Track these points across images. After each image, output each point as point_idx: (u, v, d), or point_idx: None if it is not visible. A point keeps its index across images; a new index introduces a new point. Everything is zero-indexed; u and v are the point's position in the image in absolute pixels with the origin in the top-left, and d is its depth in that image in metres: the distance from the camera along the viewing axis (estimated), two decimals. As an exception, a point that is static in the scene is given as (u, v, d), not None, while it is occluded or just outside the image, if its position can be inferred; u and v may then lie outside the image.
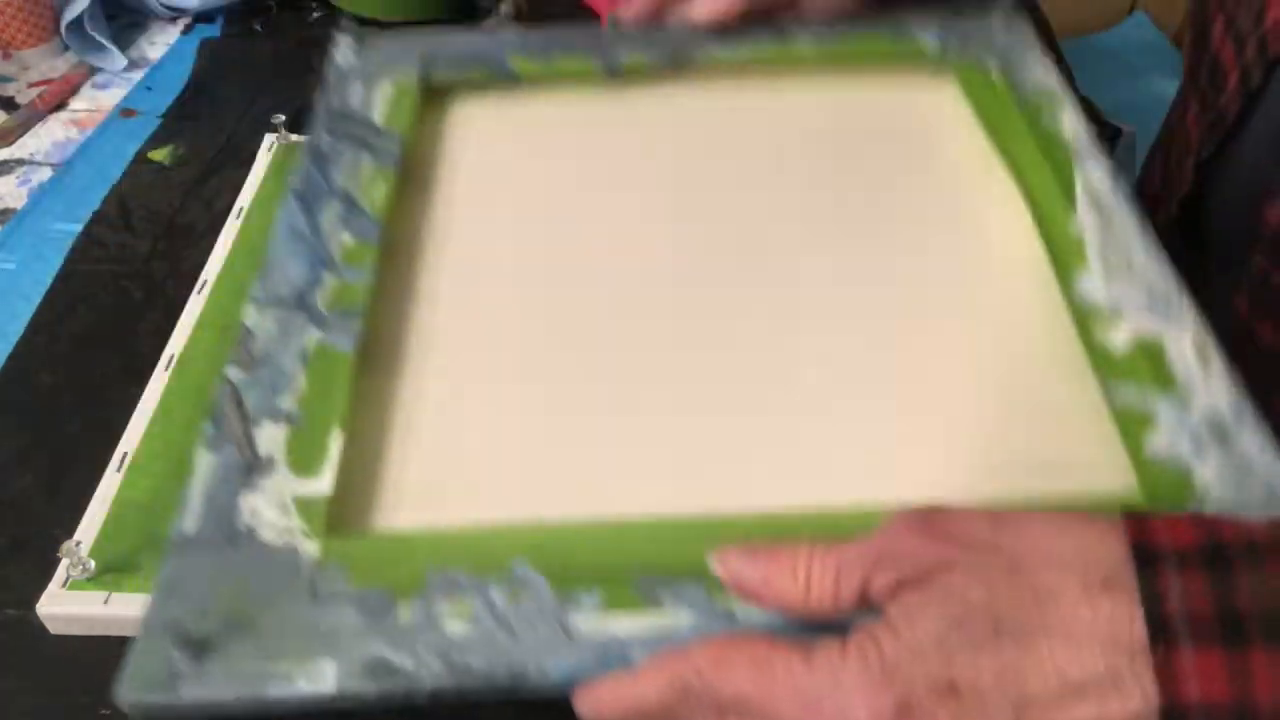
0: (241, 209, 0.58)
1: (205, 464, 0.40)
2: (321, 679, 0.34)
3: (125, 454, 0.45)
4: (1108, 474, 0.40)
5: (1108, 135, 1.05)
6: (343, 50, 0.59)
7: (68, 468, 0.47)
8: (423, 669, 0.34)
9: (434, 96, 0.58)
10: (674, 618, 0.35)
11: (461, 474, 0.42)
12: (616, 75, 0.59)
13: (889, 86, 0.60)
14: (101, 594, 0.40)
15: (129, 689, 0.33)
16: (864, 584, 0.31)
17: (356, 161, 0.52)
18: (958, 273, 0.49)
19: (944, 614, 0.29)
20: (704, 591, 0.36)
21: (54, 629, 0.40)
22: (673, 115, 0.58)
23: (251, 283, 0.52)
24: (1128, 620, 0.27)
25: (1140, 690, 0.27)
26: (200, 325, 0.51)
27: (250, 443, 0.40)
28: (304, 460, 0.40)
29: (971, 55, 0.59)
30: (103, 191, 0.63)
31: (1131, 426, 0.41)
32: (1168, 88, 0.69)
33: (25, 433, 0.49)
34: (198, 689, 0.34)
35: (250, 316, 0.44)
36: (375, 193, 0.51)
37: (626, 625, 0.35)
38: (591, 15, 0.82)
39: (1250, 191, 0.54)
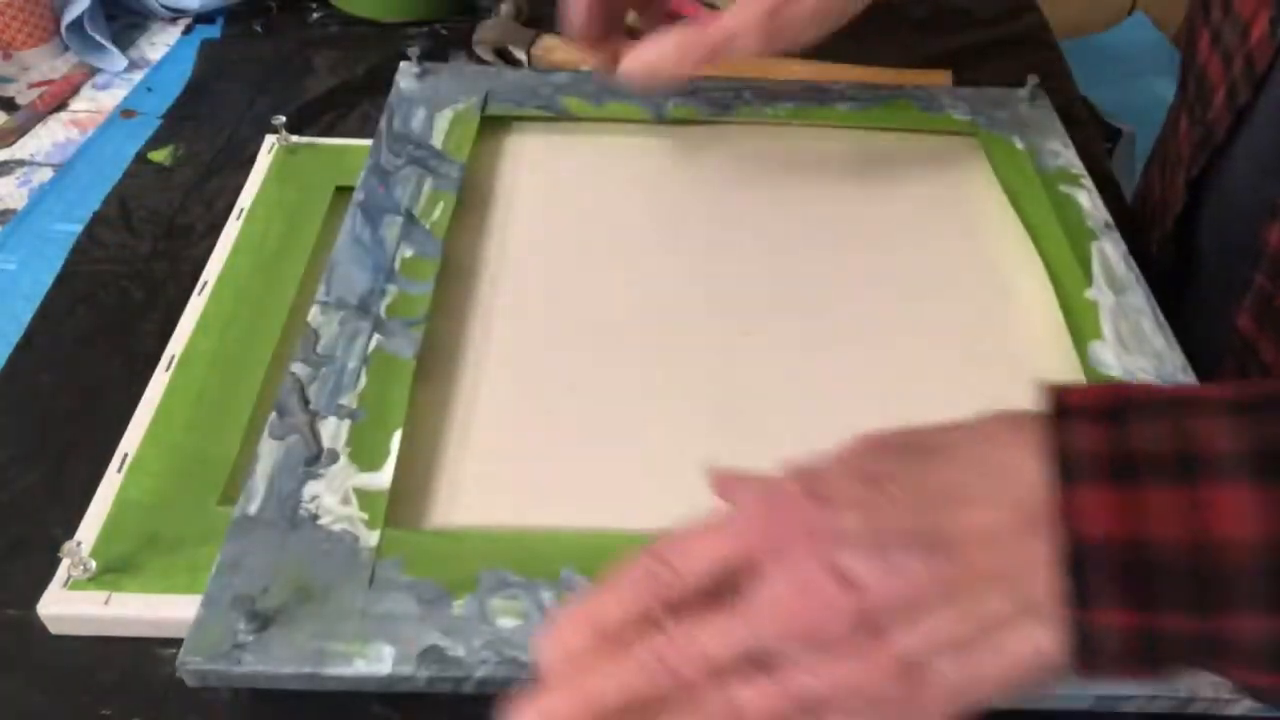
0: (242, 210, 0.58)
1: (269, 451, 0.43)
2: (379, 661, 0.36)
3: (126, 454, 0.45)
4: None
5: (1108, 135, 1.05)
6: (406, 77, 0.65)
7: (69, 468, 0.47)
8: (474, 659, 0.36)
9: (490, 127, 0.64)
10: None
11: (512, 478, 0.45)
12: (664, 122, 0.64)
13: (919, 149, 0.65)
14: (102, 594, 0.40)
15: (191, 656, 0.35)
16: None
17: (417, 181, 0.57)
18: (979, 325, 0.53)
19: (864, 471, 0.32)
20: None
21: (55, 629, 0.40)
22: (713, 159, 0.63)
23: (254, 284, 0.53)
24: (1034, 460, 0.29)
25: (1039, 519, 0.29)
26: (200, 326, 0.51)
27: (314, 434, 0.42)
28: (365, 454, 0.43)
29: (998, 128, 0.63)
30: (103, 192, 0.63)
31: None
32: (1168, 88, 0.70)
33: (26, 433, 0.49)
34: (258, 660, 0.36)
35: (315, 317, 0.47)
36: (434, 211, 0.55)
37: None
38: (592, 15, 0.82)
39: (1244, 210, 0.53)
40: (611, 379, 0.49)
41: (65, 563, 0.40)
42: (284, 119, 0.63)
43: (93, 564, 0.40)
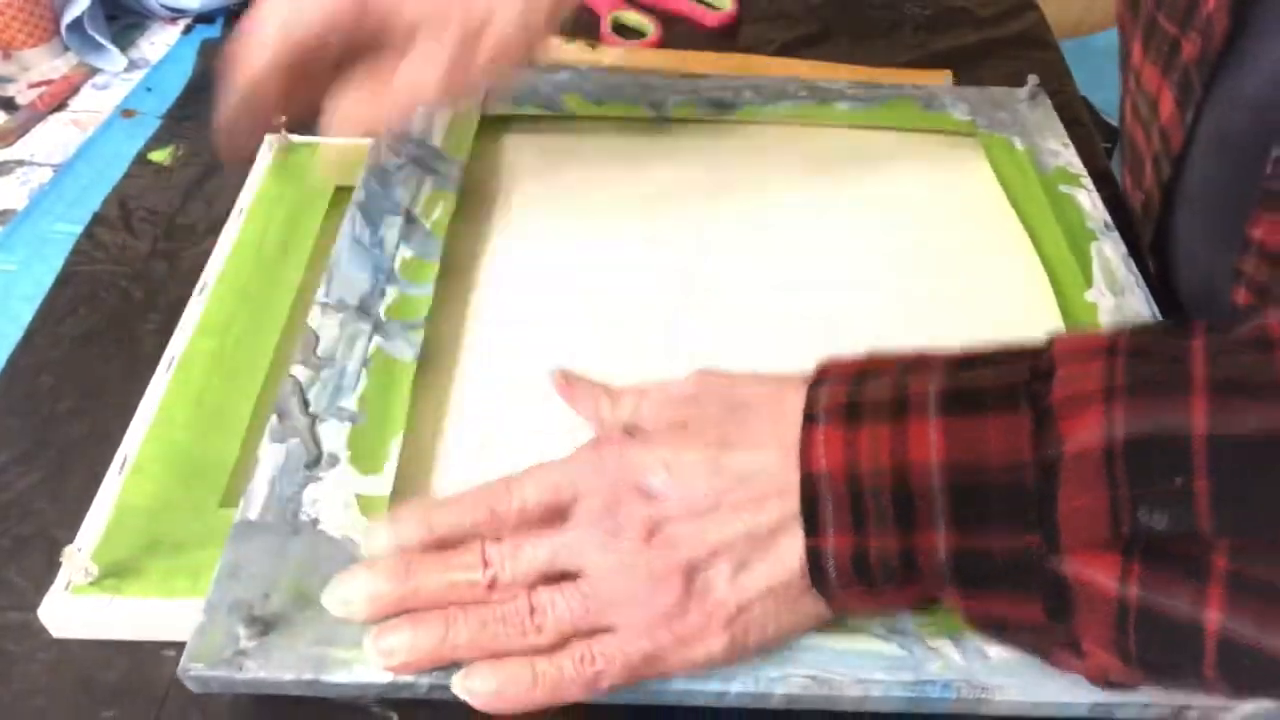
0: (242, 209, 0.58)
1: (270, 455, 0.42)
2: (379, 667, 0.36)
3: (126, 457, 0.45)
4: None
5: (1107, 136, 1.05)
6: None
7: (69, 469, 0.47)
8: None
9: (489, 125, 0.63)
10: None
11: None
12: (664, 121, 0.65)
13: (919, 149, 0.65)
14: (104, 597, 0.40)
15: (193, 663, 0.35)
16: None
17: (417, 182, 0.57)
18: (978, 326, 0.53)
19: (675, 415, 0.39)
20: None
21: (56, 632, 0.41)
22: (713, 158, 0.63)
23: (253, 284, 0.53)
24: (795, 412, 0.36)
25: (795, 458, 0.35)
26: (201, 327, 0.51)
27: (315, 437, 0.42)
28: (366, 458, 0.43)
29: (997, 128, 0.63)
30: (103, 192, 0.63)
31: None
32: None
33: (26, 434, 0.49)
34: (260, 667, 0.36)
35: (314, 318, 0.47)
36: (434, 211, 0.55)
37: None
38: (592, 15, 0.82)
39: (1200, 272, 0.53)
40: (612, 378, 0.48)
41: (66, 566, 0.40)
42: (284, 119, 0.63)
43: (94, 568, 0.40)
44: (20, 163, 0.66)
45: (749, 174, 0.62)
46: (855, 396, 0.35)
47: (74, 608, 0.40)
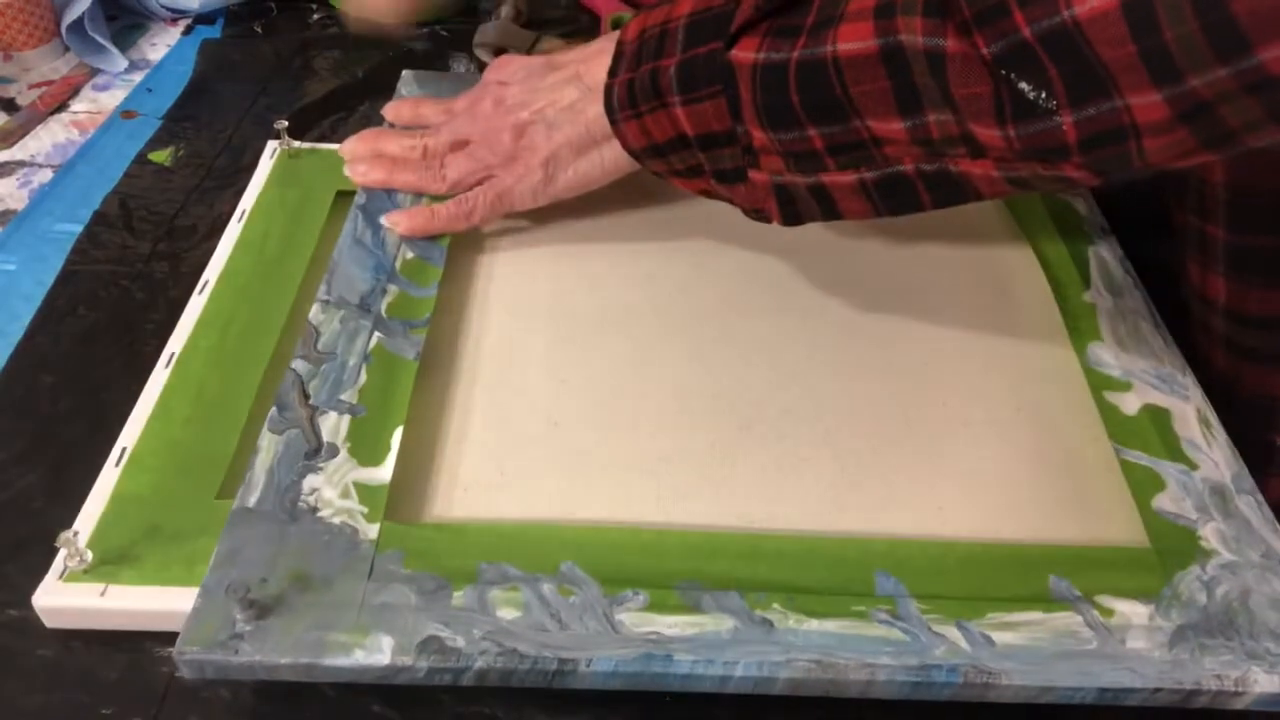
0: (244, 212, 0.58)
1: (269, 445, 0.43)
2: (378, 652, 0.36)
3: (124, 449, 0.45)
4: (1119, 524, 0.44)
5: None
6: (408, 84, 0.66)
7: (69, 468, 0.47)
8: (474, 649, 0.36)
9: None
10: (715, 623, 0.38)
11: (512, 472, 0.45)
12: None
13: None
14: (99, 585, 0.40)
15: (188, 646, 0.35)
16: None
17: None
18: (977, 326, 0.53)
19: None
20: (744, 601, 0.39)
21: (50, 622, 0.40)
22: None
23: (254, 284, 0.53)
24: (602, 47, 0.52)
25: (605, 54, 0.51)
26: (201, 325, 0.51)
27: (314, 428, 0.43)
28: (366, 449, 0.43)
29: None
30: (103, 193, 0.63)
31: (1141, 485, 0.45)
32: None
33: (26, 433, 0.49)
34: (256, 650, 0.36)
35: (315, 315, 0.47)
36: None
37: (670, 627, 0.38)
38: (592, 16, 0.82)
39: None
40: (611, 374, 0.49)
41: (61, 554, 0.40)
42: (285, 123, 0.63)
43: (89, 555, 0.40)
44: (21, 163, 0.67)
45: None
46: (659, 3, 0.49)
47: (68, 595, 0.40)
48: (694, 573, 0.40)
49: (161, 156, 0.67)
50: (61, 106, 0.72)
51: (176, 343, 0.50)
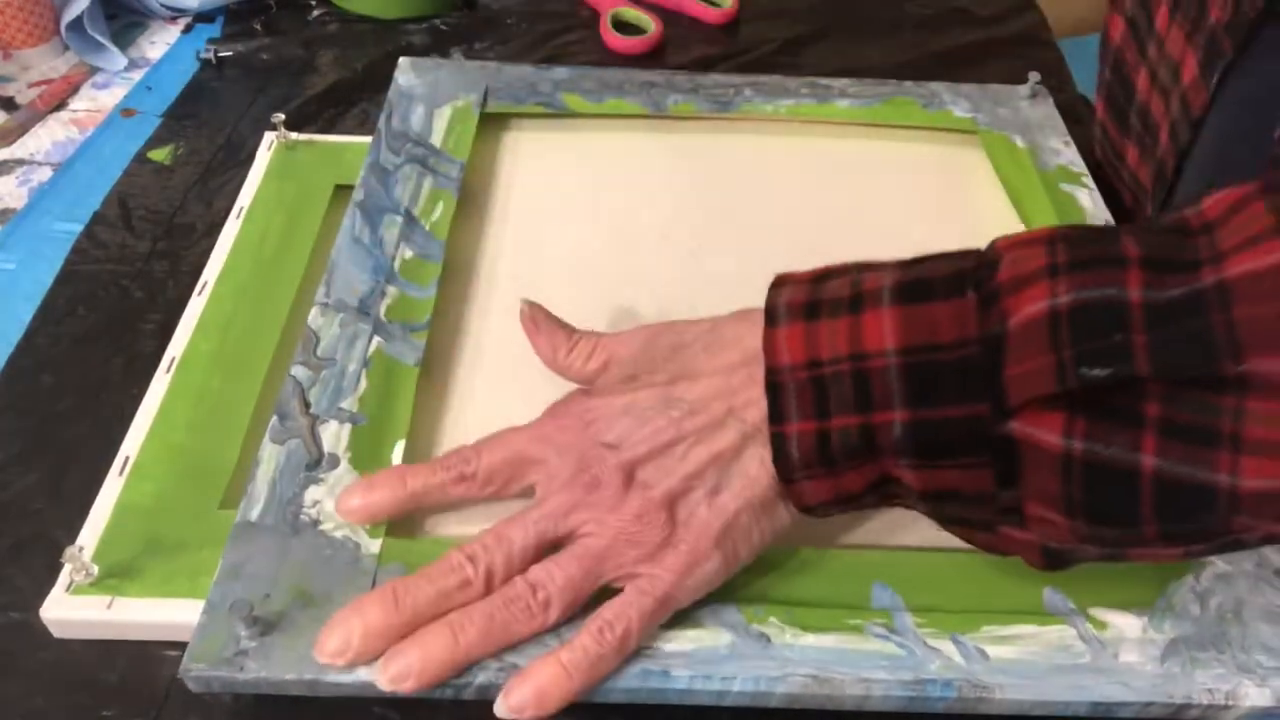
0: (242, 209, 0.58)
1: (270, 456, 0.42)
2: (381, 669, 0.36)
3: (127, 458, 0.45)
4: None
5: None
6: (405, 73, 0.65)
7: (70, 469, 0.47)
8: (475, 666, 0.36)
9: (489, 123, 0.63)
10: (713, 637, 0.38)
11: None
12: (664, 118, 0.65)
13: (920, 146, 0.65)
14: (105, 598, 0.40)
15: (194, 664, 0.35)
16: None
17: (417, 180, 0.57)
18: None
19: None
20: (741, 615, 0.39)
21: (57, 633, 0.41)
22: (714, 156, 0.63)
23: (254, 283, 0.53)
24: (754, 330, 0.39)
25: (753, 366, 0.38)
26: (200, 327, 0.51)
27: (315, 438, 0.42)
28: (367, 459, 0.43)
29: (998, 126, 0.62)
30: (103, 191, 0.63)
31: None
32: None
33: (27, 433, 0.49)
34: (261, 667, 0.36)
35: (315, 319, 0.47)
36: (434, 211, 0.55)
37: (668, 642, 0.38)
38: (593, 12, 0.82)
39: None
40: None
41: (67, 568, 0.40)
42: (283, 118, 0.63)
43: (95, 568, 0.40)
44: (20, 162, 0.66)
45: (749, 172, 0.62)
46: (814, 295, 0.38)
47: (75, 608, 0.40)
48: None
49: (161, 155, 0.67)
50: (61, 105, 0.71)
51: (177, 346, 0.50)
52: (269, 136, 0.63)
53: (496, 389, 0.48)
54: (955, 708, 0.37)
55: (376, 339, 0.48)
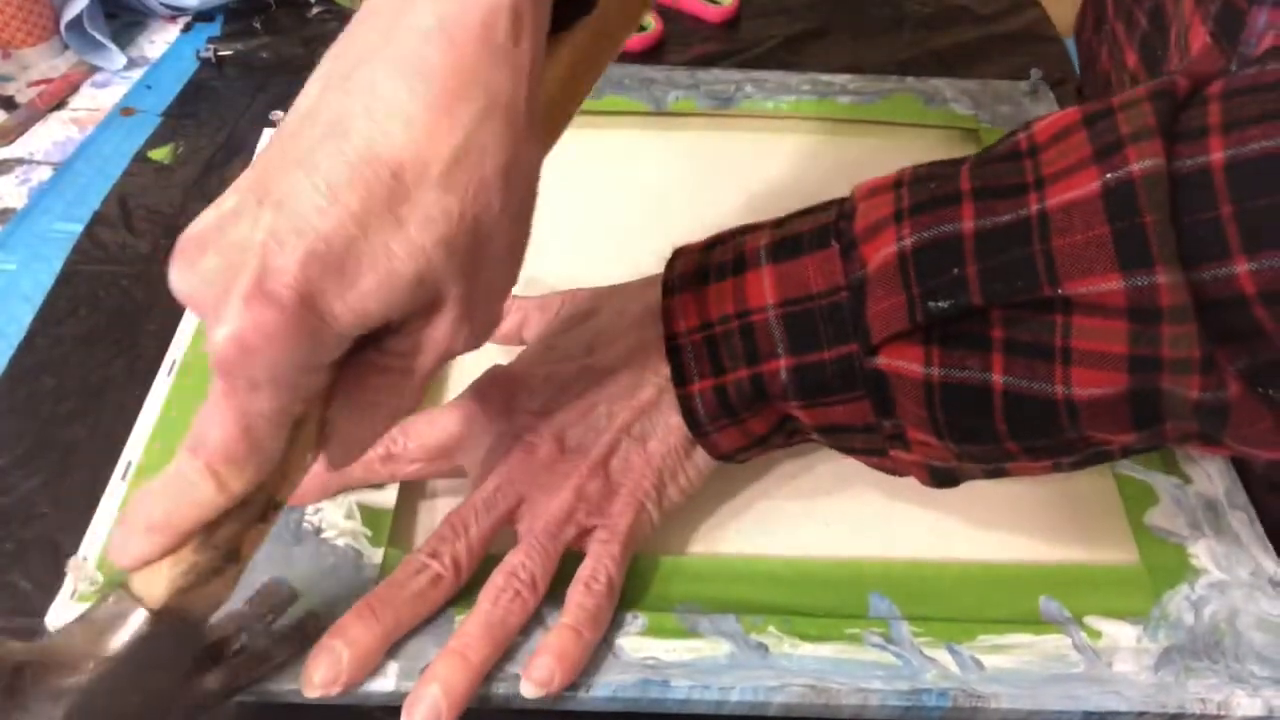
0: (242, 210, 0.58)
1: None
2: (382, 677, 0.37)
3: (130, 463, 0.45)
4: (1111, 541, 0.44)
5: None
6: None
7: (71, 472, 0.47)
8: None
9: None
10: (712, 647, 0.38)
11: None
12: (664, 114, 0.64)
13: (921, 143, 0.65)
14: (108, 606, 0.40)
15: None
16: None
17: None
18: None
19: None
20: (740, 625, 0.39)
21: (61, 639, 0.41)
22: (714, 152, 0.63)
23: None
24: (653, 294, 0.42)
25: (658, 331, 0.41)
26: (202, 330, 0.51)
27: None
28: None
29: (1000, 122, 0.62)
30: (103, 191, 0.63)
31: (1135, 499, 0.45)
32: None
33: (28, 436, 0.49)
34: (262, 677, 0.36)
35: None
36: None
37: (668, 652, 0.38)
38: (592, 12, 0.82)
39: None
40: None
41: (72, 576, 0.40)
42: (283, 115, 0.63)
43: (99, 577, 0.40)
44: (20, 161, 0.66)
45: (750, 169, 0.62)
46: (703, 263, 0.41)
47: (79, 616, 0.40)
48: (691, 596, 0.40)
49: (161, 154, 0.67)
50: (61, 104, 0.71)
51: (178, 349, 0.50)
52: (268, 133, 0.63)
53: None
54: (951, 717, 0.38)
55: None
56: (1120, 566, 0.43)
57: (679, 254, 0.43)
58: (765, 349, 0.38)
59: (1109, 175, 0.31)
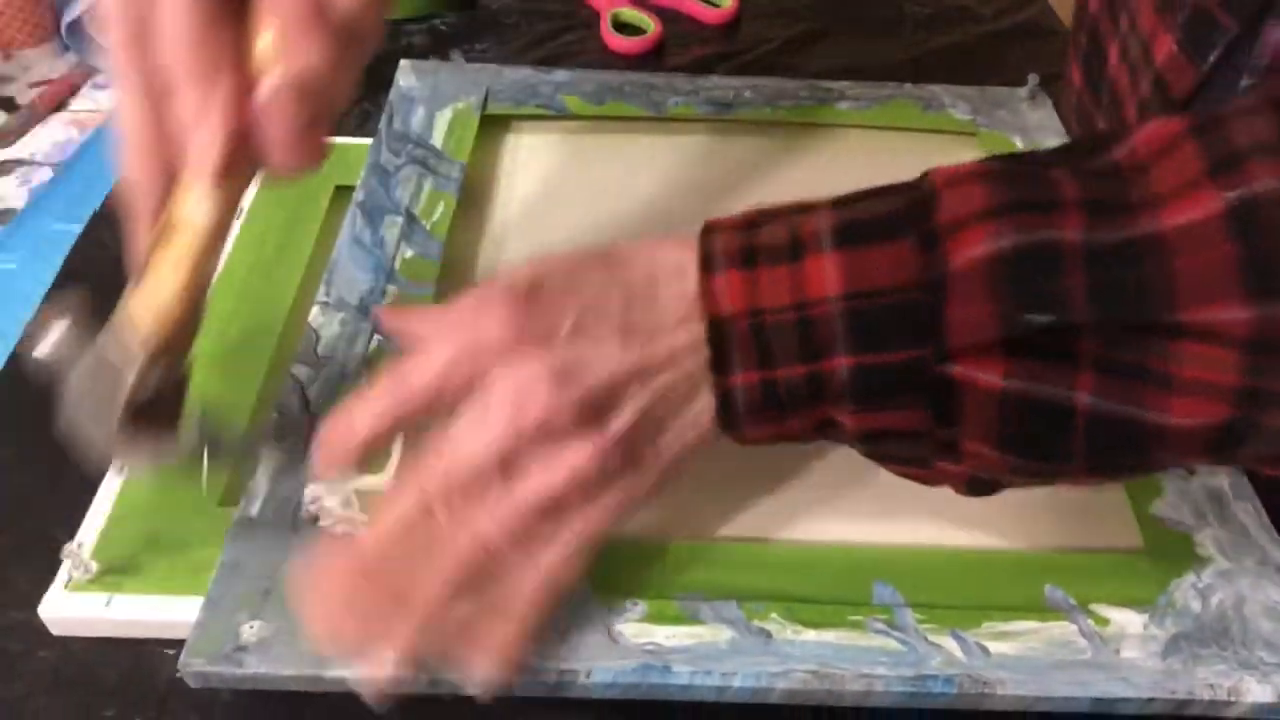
0: (242, 209, 0.58)
1: (270, 454, 0.43)
2: (380, 665, 0.36)
3: (127, 455, 0.45)
4: (1117, 530, 0.44)
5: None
6: (405, 74, 0.65)
7: (69, 469, 0.47)
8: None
9: (490, 125, 0.63)
10: (713, 633, 0.38)
11: None
12: (665, 120, 0.64)
13: (919, 148, 0.64)
14: (104, 595, 0.40)
15: (193, 658, 0.35)
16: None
17: (418, 181, 0.57)
18: None
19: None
20: (742, 612, 0.39)
21: (56, 631, 0.41)
22: (714, 158, 0.63)
23: (254, 283, 0.53)
24: (693, 264, 0.36)
25: (695, 309, 0.36)
26: (201, 327, 0.51)
27: (315, 435, 0.42)
28: (366, 457, 0.41)
29: (998, 127, 0.62)
30: (103, 192, 0.63)
31: (1139, 490, 0.44)
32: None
33: (26, 434, 0.49)
34: (261, 663, 0.36)
35: (315, 318, 0.47)
36: (435, 212, 0.55)
37: (669, 638, 0.38)
38: (592, 14, 0.82)
39: None
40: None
41: (66, 564, 0.40)
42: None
43: (94, 565, 0.40)
44: (20, 162, 0.67)
45: (749, 175, 0.62)
46: (748, 242, 0.36)
47: (74, 605, 0.40)
48: (693, 583, 0.40)
49: (161, 155, 0.67)
50: (61, 105, 0.72)
51: (177, 345, 0.50)
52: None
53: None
54: (956, 703, 0.37)
55: (377, 338, 0.48)
56: (1126, 555, 0.42)
57: (714, 228, 0.38)
58: (825, 345, 0.34)
59: (1229, 194, 0.30)
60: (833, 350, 0.34)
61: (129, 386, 0.36)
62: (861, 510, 0.44)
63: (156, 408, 0.37)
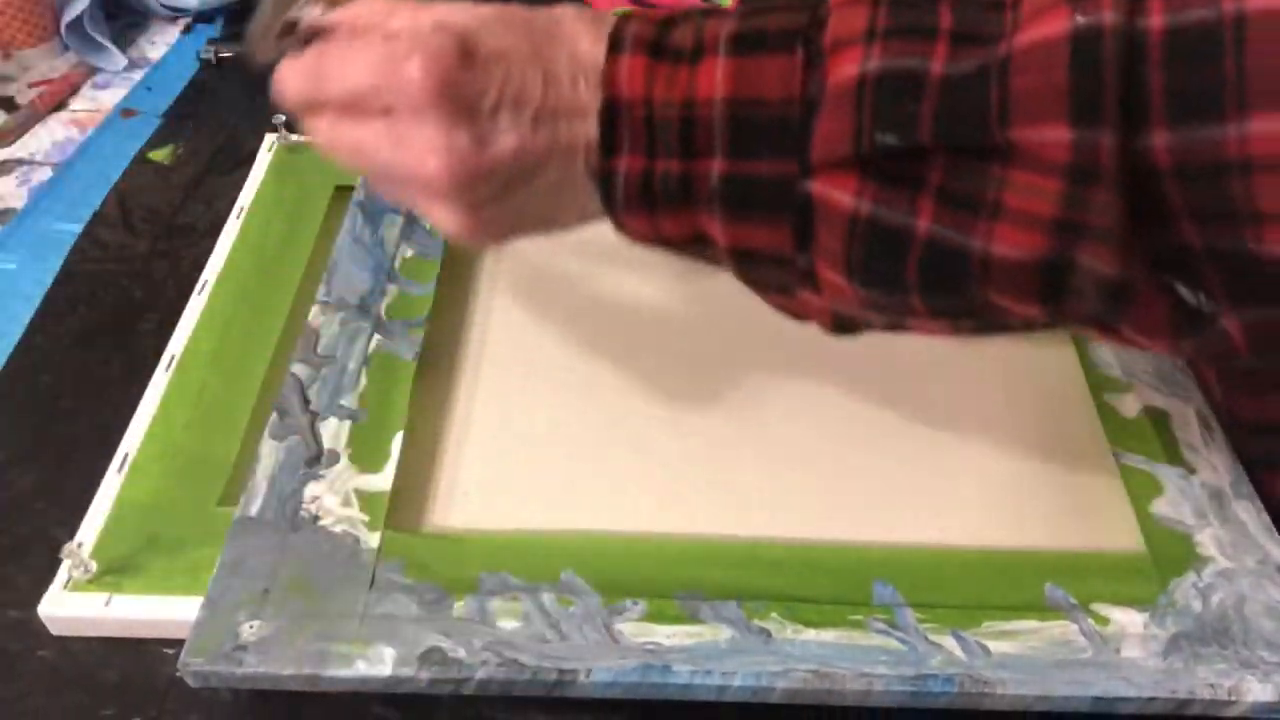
0: (242, 209, 0.58)
1: (270, 452, 0.43)
2: (380, 663, 0.36)
3: (126, 455, 0.45)
4: (1117, 529, 0.44)
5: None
6: None
7: (69, 469, 0.47)
8: (475, 660, 0.36)
9: None
10: (713, 633, 0.38)
11: (513, 481, 0.45)
12: None
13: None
14: (103, 595, 0.40)
15: (193, 658, 0.35)
16: None
17: None
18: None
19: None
20: (742, 611, 0.39)
21: (56, 630, 0.40)
22: None
23: (253, 283, 0.53)
24: (601, 39, 0.36)
25: (594, 78, 0.36)
26: (200, 325, 0.51)
27: (315, 434, 0.43)
28: (366, 456, 0.43)
29: None
30: (103, 191, 0.63)
31: (1140, 489, 0.45)
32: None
33: (26, 433, 0.49)
34: (260, 662, 0.36)
35: (315, 317, 0.47)
36: None
37: (669, 637, 0.38)
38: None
39: None
40: (612, 380, 0.49)
41: (66, 564, 0.40)
42: (284, 117, 0.63)
43: (93, 565, 0.40)
44: (20, 162, 0.67)
45: None
46: (660, 37, 0.36)
47: (73, 605, 0.40)
48: (693, 582, 0.40)
49: (161, 155, 0.67)
50: (61, 105, 0.72)
51: (176, 344, 0.50)
52: (270, 138, 0.63)
53: (495, 386, 0.48)
54: (957, 703, 0.37)
55: (377, 337, 0.48)
56: (1126, 554, 0.42)
57: (632, 18, 0.38)
58: (704, 147, 0.35)
59: (1080, 19, 0.30)
60: (710, 152, 0.35)
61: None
62: (861, 510, 0.44)
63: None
